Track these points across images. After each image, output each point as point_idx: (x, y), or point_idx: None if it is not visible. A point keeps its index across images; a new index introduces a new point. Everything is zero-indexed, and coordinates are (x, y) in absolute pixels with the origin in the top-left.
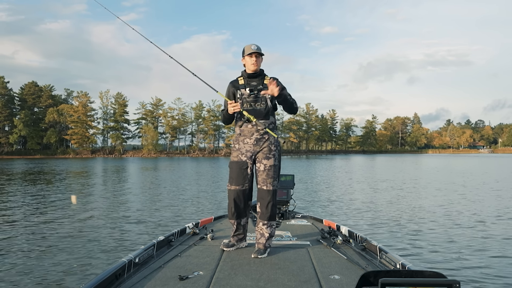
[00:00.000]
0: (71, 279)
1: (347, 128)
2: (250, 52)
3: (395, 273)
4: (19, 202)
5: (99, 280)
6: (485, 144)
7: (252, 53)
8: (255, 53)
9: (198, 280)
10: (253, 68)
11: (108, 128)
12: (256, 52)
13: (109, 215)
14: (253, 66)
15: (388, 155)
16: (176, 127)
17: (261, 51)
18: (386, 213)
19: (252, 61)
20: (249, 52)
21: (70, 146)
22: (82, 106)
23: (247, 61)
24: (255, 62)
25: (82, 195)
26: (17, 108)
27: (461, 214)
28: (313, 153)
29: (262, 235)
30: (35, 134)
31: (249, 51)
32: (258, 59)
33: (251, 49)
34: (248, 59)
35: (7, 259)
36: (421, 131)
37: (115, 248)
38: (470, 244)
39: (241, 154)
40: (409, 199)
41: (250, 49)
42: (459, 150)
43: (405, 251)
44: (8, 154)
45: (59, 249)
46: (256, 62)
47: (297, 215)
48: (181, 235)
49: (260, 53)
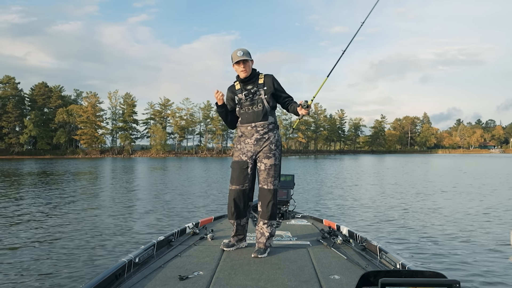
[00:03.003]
0: (71, 279)
1: (355, 128)
2: (237, 60)
3: (395, 273)
4: (21, 202)
5: (99, 280)
6: (496, 144)
7: (239, 61)
8: (241, 61)
9: (198, 280)
10: (244, 75)
11: (117, 128)
12: (241, 60)
13: (109, 215)
14: (243, 73)
15: (397, 155)
16: (184, 127)
17: (249, 56)
18: (386, 213)
19: (240, 69)
20: (236, 60)
21: (79, 146)
22: (91, 106)
23: (236, 69)
24: (244, 69)
25: (87, 195)
26: (27, 109)
27: (461, 215)
28: (321, 153)
29: (263, 235)
30: (45, 135)
31: (236, 59)
32: (246, 64)
33: (237, 56)
34: (237, 67)
35: (7, 258)
36: (430, 131)
37: (115, 248)
38: (470, 244)
39: (242, 154)
40: (410, 199)
41: (236, 57)
42: (469, 150)
43: (405, 251)
44: (18, 154)
45: (59, 249)
46: (244, 69)
47: (297, 215)
48: (181, 235)
49: (245, 60)
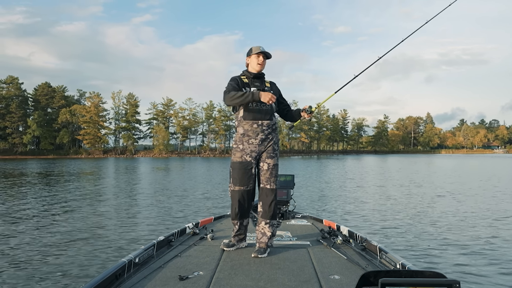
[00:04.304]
0: (71, 279)
1: (358, 128)
2: (258, 52)
3: (395, 273)
4: (21, 202)
5: (99, 280)
6: (500, 144)
7: (260, 53)
8: (262, 53)
9: (198, 280)
10: (259, 68)
11: (119, 128)
12: (263, 53)
13: (110, 215)
14: (259, 66)
15: (400, 155)
16: (187, 127)
17: (269, 55)
18: (386, 213)
19: (259, 61)
20: (258, 51)
21: (82, 146)
22: (94, 106)
23: (253, 60)
24: (262, 62)
25: (88, 195)
26: (30, 109)
27: (461, 215)
28: (324, 153)
29: (264, 234)
30: (48, 135)
31: (257, 50)
32: (265, 60)
33: (259, 48)
34: (255, 59)
35: (7, 258)
36: (433, 131)
37: (115, 248)
38: (471, 244)
39: (245, 154)
40: (410, 200)
41: (258, 48)
42: (473, 150)
43: (405, 251)
44: (22, 154)
45: (59, 249)
46: (262, 62)
47: (297, 215)
48: (181, 235)
49: (267, 55)
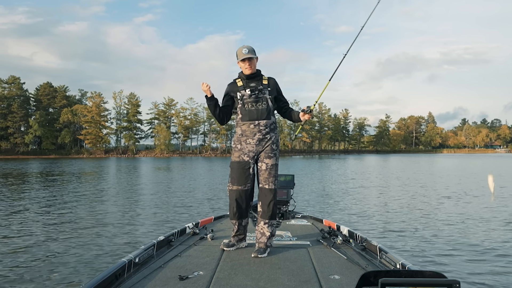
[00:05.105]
0: (71, 279)
1: (360, 127)
2: (242, 58)
3: (395, 273)
4: (22, 202)
5: (99, 280)
6: (502, 143)
7: (245, 59)
8: (246, 58)
9: (198, 280)
10: (248, 72)
11: (121, 128)
12: (247, 58)
13: (110, 215)
14: (248, 70)
15: (402, 155)
16: (188, 127)
17: (253, 54)
18: (386, 213)
19: (245, 66)
20: (241, 58)
21: (84, 146)
22: (95, 106)
23: (241, 65)
24: (249, 66)
25: (89, 195)
26: (32, 109)
27: (461, 215)
28: (325, 153)
29: (263, 234)
30: (49, 134)
31: (241, 57)
32: (251, 62)
33: (243, 54)
34: (242, 64)
35: (8, 258)
36: (435, 131)
37: (115, 248)
38: (471, 244)
39: (243, 154)
40: (410, 200)
41: (241, 54)
42: (474, 150)
43: (405, 251)
44: (23, 154)
45: (60, 249)
46: (250, 66)
47: (297, 215)
48: (181, 235)
49: (250, 58)
